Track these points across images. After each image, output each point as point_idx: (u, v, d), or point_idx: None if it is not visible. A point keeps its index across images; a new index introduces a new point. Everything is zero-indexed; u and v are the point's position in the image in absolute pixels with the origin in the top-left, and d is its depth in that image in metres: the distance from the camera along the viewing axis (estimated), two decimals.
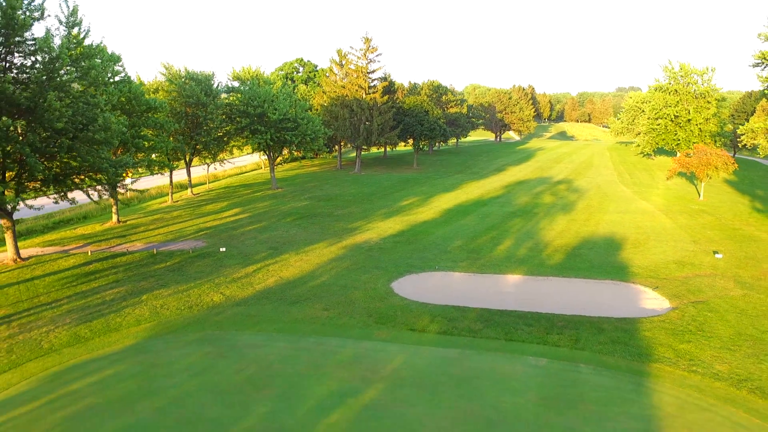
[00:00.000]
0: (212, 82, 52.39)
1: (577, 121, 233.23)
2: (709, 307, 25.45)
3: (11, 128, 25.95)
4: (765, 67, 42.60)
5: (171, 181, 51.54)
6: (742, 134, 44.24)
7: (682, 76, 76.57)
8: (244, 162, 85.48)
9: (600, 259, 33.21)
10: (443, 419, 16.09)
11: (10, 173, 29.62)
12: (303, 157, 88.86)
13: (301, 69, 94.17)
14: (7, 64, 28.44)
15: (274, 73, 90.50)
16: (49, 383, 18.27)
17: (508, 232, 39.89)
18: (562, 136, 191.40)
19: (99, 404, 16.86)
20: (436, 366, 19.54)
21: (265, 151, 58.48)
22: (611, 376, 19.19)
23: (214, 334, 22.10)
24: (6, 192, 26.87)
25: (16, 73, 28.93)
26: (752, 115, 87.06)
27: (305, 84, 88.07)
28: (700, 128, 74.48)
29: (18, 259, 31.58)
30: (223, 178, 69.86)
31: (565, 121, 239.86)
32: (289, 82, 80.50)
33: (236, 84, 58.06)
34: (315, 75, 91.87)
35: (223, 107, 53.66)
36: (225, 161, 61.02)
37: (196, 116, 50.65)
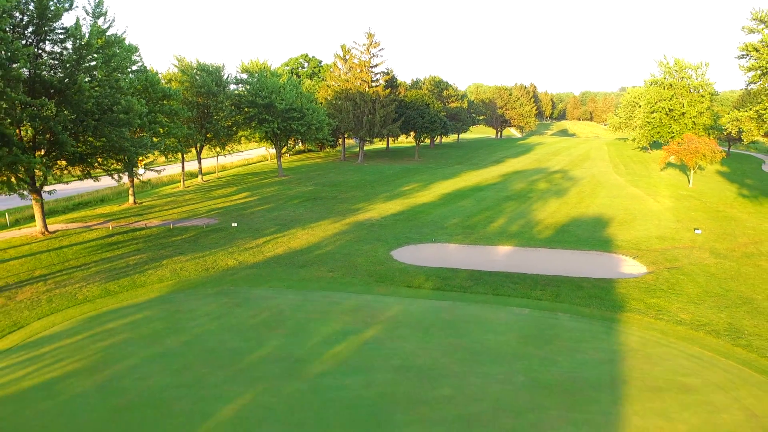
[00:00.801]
0: (222, 73, 54.92)
1: (579, 120, 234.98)
2: (682, 272, 27.71)
3: (43, 108, 28.45)
4: (749, 59, 44.66)
5: (183, 168, 54.10)
6: (728, 122, 46.30)
7: (676, 70, 78.65)
8: (252, 155, 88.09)
9: (587, 234, 35.47)
10: (434, 351, 18.43)
11: (39, 152, 32.08)
12: (309, 150, 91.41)
13: (306, 64, 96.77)
14: (39, 51, 30.96)
15: (280, 68, 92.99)
16: (87, 323, 20.73)
17: (502, 212, 42.20)
18: (564, 133, 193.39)
19: (132, 338, 19.30)
20: (429, 313, 21.90)
21: (272, 140, 60.98)
22: (586, 322, 21.48)
23: (230, 289, 24.52)
24: (38, 166, 29.27)
25: (47, 59, 31.43)
26: None
27: (310, 79, 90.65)
28: (693, 121, 76.51)
29: (46, 232, 34.09)
30: (231, 168, 72.41)
31: (566, 119, 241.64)
32: (295, 77, 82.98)
33: (245, 76, 60.46)
34: (319, 70, 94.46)
35: (233, 97, 56.19)
36: (234, 151, 63.49)
37: (207, 106, 53.17)
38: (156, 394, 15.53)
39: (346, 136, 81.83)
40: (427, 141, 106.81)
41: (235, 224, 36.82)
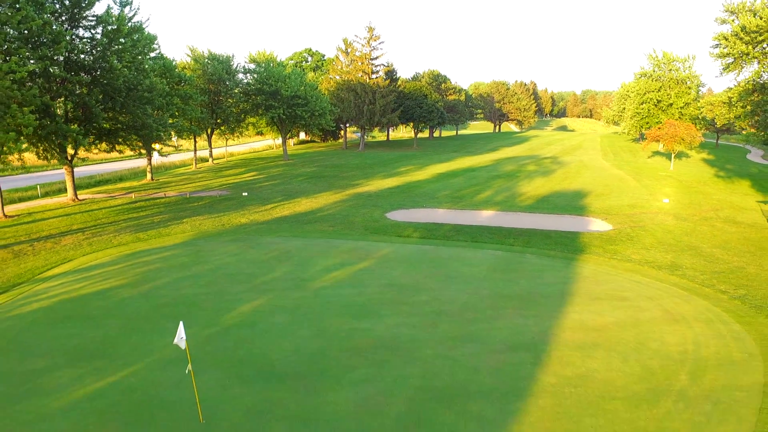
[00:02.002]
0: (232, 62, 58.78)
1: (579, 117, 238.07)
2: (643, 229, 31.23)
3: (79, 83, 32.24)
4: (720, 47, 48.05)
5: (195, 150, 57.95)
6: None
7: (664, 63, 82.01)
8: (258, 145, 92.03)
9: (564, 203, 39.03)
10: (416, 275, 22.07)
11: (74, 126, 35.87)
12: (312, 141, 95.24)
13: (309, 58, 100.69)
14: (72, 36, 34.76)
15: (285, 61, 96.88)
16: (125, 258, 24.47)
17: (490, 187, 45.82)
18: (563, 129, 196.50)
19: (164, 267, 23.03)
20: (416, 253, 25.53)
21: (277, 126, 64.76)
22: (549, 260, 25.05)
23: (244, 237, 28.24)
24: (73, 135, 32.99)
25: (79, 43, 35.24)
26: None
27: (313, 72, 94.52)
28: (681, 112, 79.81)
29: (76, 199, 37.92)
30: (238, 155, 76.29)
31: (567, 116, 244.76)
32: (299, 69, 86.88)
33: (252, 66, 64.28)
34: (322, 64, 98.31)
35: (242, 85, 60.06)
36: (243, 136, 67.32)
37: (218, 92, 57.01)
38: (188, 298, 19.25)
39: (347, 126, 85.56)
40: (426, 133, 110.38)
41: (246, 194, 40.59)
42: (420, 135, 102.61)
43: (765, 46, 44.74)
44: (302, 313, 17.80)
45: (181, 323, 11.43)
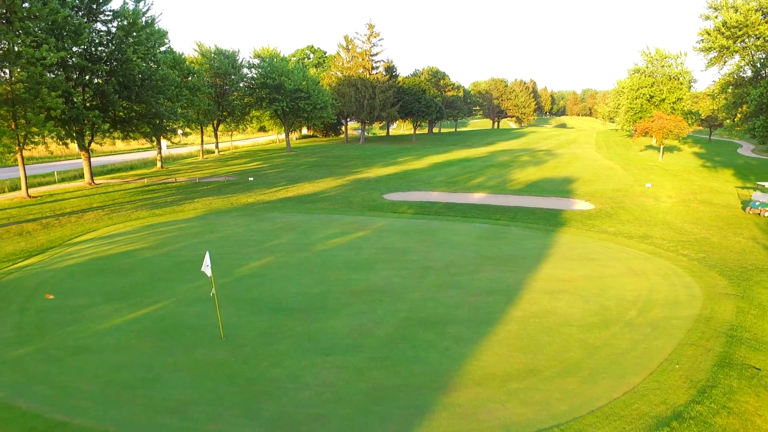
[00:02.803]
0: (237, 57, 61.22)
1: (578, 115, 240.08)
2: (623, 208, 33.49)
3: (99, 72, 34.63)
4: (702, 42, 50.28)
5: (202, 141, 60.38)
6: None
7: (657, 59, 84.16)
8: (261, 141, 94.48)
9: (552, 187, 41.30)
10: (409, 241, 24.38)
11: (93, 112, 38.25)
12: (314, 135, 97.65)
13: (311, 55, 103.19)
14: (90, 30, 37.16)
15: (288, 58, 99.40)
16: (144, 228, 26.86)
17: (484, 174, 48.13)
18: (562, 127, 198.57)
19: (181, 235, 25.39)
20: (409, 225, 27.85)
21: (281, 119, 67.16)
22: (531, 231, 27.33)
23: (251, 212, 30.61)
24: (91, 119, 35.37)
25: (95, 37, 37.63)
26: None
27: (315, 68, 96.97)
28: (672, 107, 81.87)
29: (92, 183, 40.33)
30: (243, 147, 78.73)
31: (566, 115, 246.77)
32: (301, 65, 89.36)
33: (257, 61, 66.66)
34: (324, 61, 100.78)
35: (247, 80, 62.54)
36: (247, 128, 69.79)
37: (224, 86, 59.44)
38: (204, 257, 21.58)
39: (348, 121, 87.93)
40: (426, 129, 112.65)
41: (252, 179, 42.98)
42: (419, 131, 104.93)
43: (745, 40, 47.02)
44: (306, 268, 20.14)
45: (207, 253, 13.78)
